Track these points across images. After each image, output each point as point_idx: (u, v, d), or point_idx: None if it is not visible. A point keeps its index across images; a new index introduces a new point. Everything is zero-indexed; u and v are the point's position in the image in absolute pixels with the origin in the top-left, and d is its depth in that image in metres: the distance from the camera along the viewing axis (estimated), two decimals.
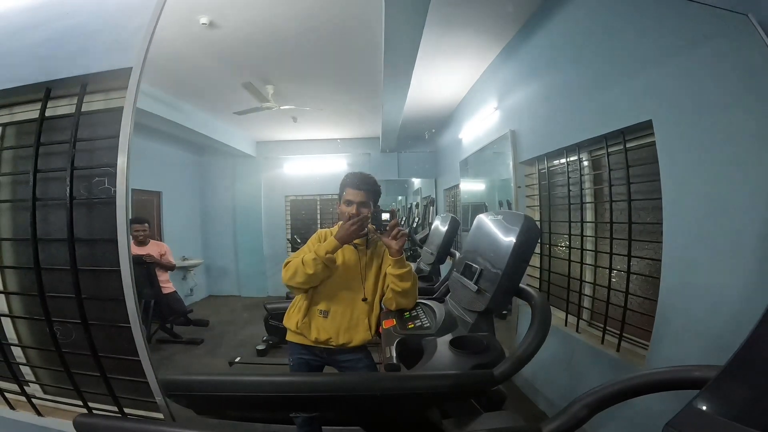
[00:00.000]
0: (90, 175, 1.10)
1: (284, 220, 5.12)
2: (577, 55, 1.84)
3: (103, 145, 1.08)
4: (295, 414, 1.25)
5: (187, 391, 0.87)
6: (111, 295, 1.01)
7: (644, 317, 1.48)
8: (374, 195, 1.40)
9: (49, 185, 1.16)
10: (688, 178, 1.23)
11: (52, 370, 1.20)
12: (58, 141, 1.10)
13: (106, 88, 1.11)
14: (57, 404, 1.25)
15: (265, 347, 2.93)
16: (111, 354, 1.07)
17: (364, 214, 1.32)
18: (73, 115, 1.06)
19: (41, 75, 1.12)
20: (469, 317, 1.14)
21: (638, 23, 1.43)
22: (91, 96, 1.11)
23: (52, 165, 1.13)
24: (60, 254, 1.13)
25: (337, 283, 1.36)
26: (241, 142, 4.72)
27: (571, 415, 0.61)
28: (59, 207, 1.12)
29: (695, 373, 0.53)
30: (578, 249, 1.88)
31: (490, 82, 2.91)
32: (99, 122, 1.10)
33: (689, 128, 1.22)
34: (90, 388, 1.14)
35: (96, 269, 1.09)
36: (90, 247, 1.13)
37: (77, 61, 1.10)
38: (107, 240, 1.08)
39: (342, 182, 1.41)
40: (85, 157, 1.10)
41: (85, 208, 1.13)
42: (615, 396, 0.60)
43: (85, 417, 0.81)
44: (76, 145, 1.05)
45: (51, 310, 1.12)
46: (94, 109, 1.11)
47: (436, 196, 4.76)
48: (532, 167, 2.34)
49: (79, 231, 1.08)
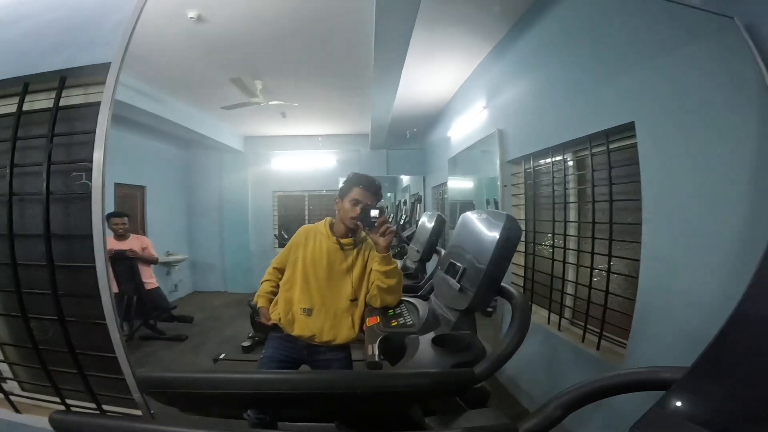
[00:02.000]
0: (67, 170, 1.08)
1: (272, 216, 5.08)
2: (566, 56, 1.85)
3: (82, 139, 1.06)
4: (247, 413, 1.27)
5: (166, 388, 0.87)
6: (88, 292, 0.99)
7: (624, 316, 1.51)
8: (378, 199, 1.42)
9: (26, 180, 1.13)
10: (668, 180, 1.25)
11: (30, 368, 1.18)
12: (36, 135, 1.07)
13: (86, 83, 1.09)
14: (35, 401, 1.23)
15: (250, 344, 2.91)
16: (89, 351, 1.05)
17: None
18: (50, 109, 1.03)
19: (19, 69, 1.10)
20: (451, 315, 1.15)
21: (625, 24, 1.44)
22: (70, 90, 1.09)
23: (29, 160, 1.10)
24: (36, 250, 1.10)
25: (321, 282, 1.36)
26: (228, 137, 4.65)
27: (546, 415, 0.63)
28: (36, 202, 1.09)
29: (663, 375, 0.54)
30: (561, 248, 1.91)
31: (480, 81, 2.92)
32: (77, 117, 1.08)
33: (671, 130, 1.24)
34: (69, 386, 1.12)
35: (73, 265, 1.07)
36: (67, 242, 1.11)
37: (57, 56, 1.08)
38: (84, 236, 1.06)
39: (350, 180, 1.41)
40: (62, 152, 1.08)
41: (63, 203, 1.11)
42: (587, 396, 0.61)
43: (61, 414, 0.80)
44: (54, 139, 1.02)
45: (27, 307, 1.09)
46: (72, 104, 1.09)
47: (424, 194, 4.78)
48: (518, 166, 2.36)
49: (55, 226, 1.06)
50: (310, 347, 1.36)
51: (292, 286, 1.38)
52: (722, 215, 1.07)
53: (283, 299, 1.37)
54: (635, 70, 1.37)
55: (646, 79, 1.32)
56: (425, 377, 0.89)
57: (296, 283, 1.38)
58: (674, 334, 1.21)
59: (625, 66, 1.42)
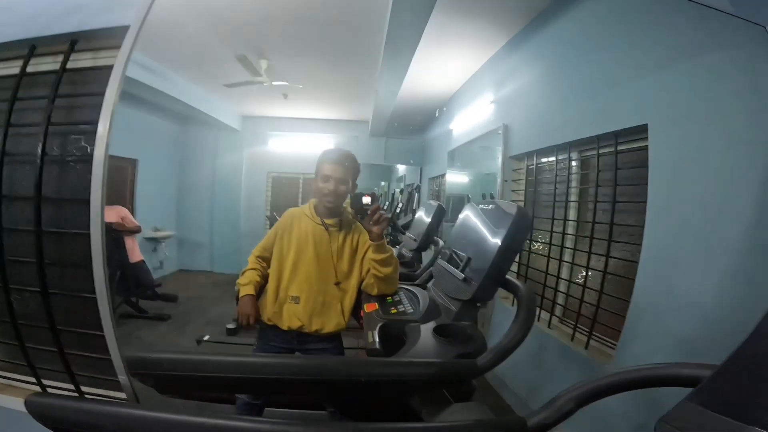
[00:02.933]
0: (66, 132, 1.02)
1: (264, 197, 5.01)
2: (582, 55, 1.83)
3: (83, 103, 1.00)
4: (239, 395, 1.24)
5: (155, 370, 0.82)
6: (76, 262, 0.94)
7: (614, 317, 1.53)
8: (354, 173, 1.35)
9: (21, 141, 1.06)
10: (676, 184, 1.25)
11: (4, 344, 1.12)
12: (37, 96, 1.01)
13: (96, 47, 1.03)
14: (8, 381, 1.16)
15: (235, 326, 2.86)
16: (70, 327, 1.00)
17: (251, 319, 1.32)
18: (56, 72, 0.98)
19: (28, 32, 1.04)
20: (453, 305, 1.13)
21: (648, 26, 1.41)
22: (78, 54, 1.03)
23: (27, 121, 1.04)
24: (22, 216, 1.04)
25: (308, 267, 1.32)
26: (226, 115, 4.55)
27: (557, 408, 0.61)
28: (26, 164, 1.02)
29: (684, 371, 0.53)
30: (558, 246, 1.91)
31: (489, 75, 2.89)
32: (82, 80, 1.02)
33: (684, 135, 1.23)
34: (44, 365, 1.06)
35: (65, 232, 1.01)
36: (57, 207, 1.05)
37: (69, 18, 1.02)
38: (76, 200, 1.00)
39: (319, 158, 1.35)
40: (63, 115, 1.02)
41: (57, 166, 1.05)
42: (602, 391, 0.60)
43: (38, 396, 0.73)
44: (56, 101, 0.96)
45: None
46: (80, 67, 1.03)
47: (420, 185, 4.77)
48: (520, 162, 2.36)
49: (46, 190, 1.00)
50: (300, 337, 1.33)
51: (281, 274, 1.34)
52: (727, 223, 1.07)
53: (273, 289, 1.33)
54: (654, 72, 1.36)
55: (664, 82, 1.30)
56: (430, 367, 0.87)
57: (285, 270, 1.33)
58: (665, 336, 1.22)
59: (644, 68, 1.40)
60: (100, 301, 0.85)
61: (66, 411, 0.66)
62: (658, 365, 0.58)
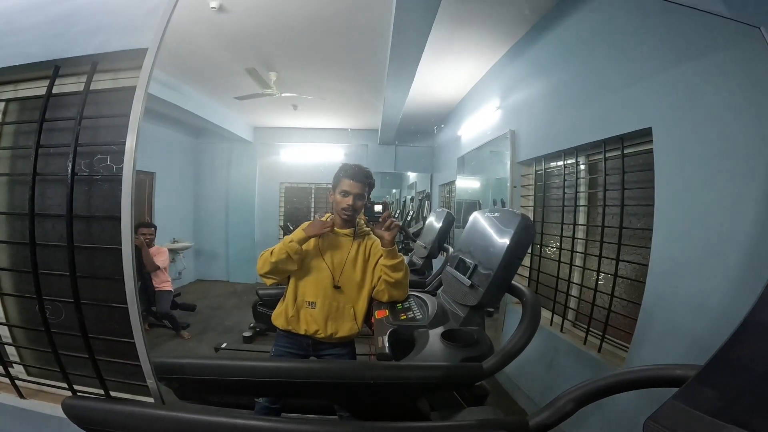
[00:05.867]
0: (92, 152, 1.08)
1: (278, 207, 5.11)
2: (584, 59, 1.85)
3: (106, 123, 1.06)
4: (257, 399, 1.28)
5: (179, 374, 0.88)
6: (107, 274, 1.00)
7: (627, 320, 1.52)
8: (370, 188, 1.42)
9: (49, 161, 1.14)
10: (682, 187, 1.26)
11: (37, 351, 1.17)
12: (64, 117, 1.08)
13: (116, 68, 1.09)
14: (40, 386, 1.22)
15: (251, 334, 2.92)
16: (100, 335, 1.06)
17: (328, 226, 1.36)
18: (79, 93, 1.05)
19: (50, 53, 1.10)
20: (460, 311, 1.16)
21: (647, 30, 1.43)
22: (99, 75, 1.10)
23: (53, 142, 1.11)
24: (54, 231, 1.11)
25: (324, 273, 1.37)
26: (238, 126, 4.67)
27: (558, 409, 0.64)
28: (57, 183, 1.10)
29: (677, 372, 0.55)
30: (568, 250, 1.92)
31: (495, 81, 2.92)
32: (104, 101, 1.09)
33: (688, 138, 1.24)
34: (75, 371, 1.10)
35: (92, 247, 1.08)
36: (87, 224, 1.12)
37: (89, 40, 1.08)
38: (107, 217, 1.07)
39: (338, 172, 1.41)
40: (88, 135, 1.09)
41: (85, 185, 1.12)
42: (599, 392, 0.62)
43: (74, 399, 0.79)
44: (81, 122, 1.03)
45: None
46: (100, 88, 1.10)
47: (431, 192, 4.78)
48: (529, 168, 2.37)
49: (77, 208, 1.07)
50: (315, 343, 1.38)
51: (299, 281, 1.39)
52: (734, 224, 1.07)
53: (291, 294, 1.39)
54: (655, 76, 1.37)
55: (667, 85, 1.32)
56: (436, 370, 0.90)
57: (302, 277, 1.39)
58: (677, 339, 1.22)
59: (645, 72, 1.42)
60: (131, 310, 0.90)
61: (100, 412, 0.71)
62: (654, 366, 0.60)
